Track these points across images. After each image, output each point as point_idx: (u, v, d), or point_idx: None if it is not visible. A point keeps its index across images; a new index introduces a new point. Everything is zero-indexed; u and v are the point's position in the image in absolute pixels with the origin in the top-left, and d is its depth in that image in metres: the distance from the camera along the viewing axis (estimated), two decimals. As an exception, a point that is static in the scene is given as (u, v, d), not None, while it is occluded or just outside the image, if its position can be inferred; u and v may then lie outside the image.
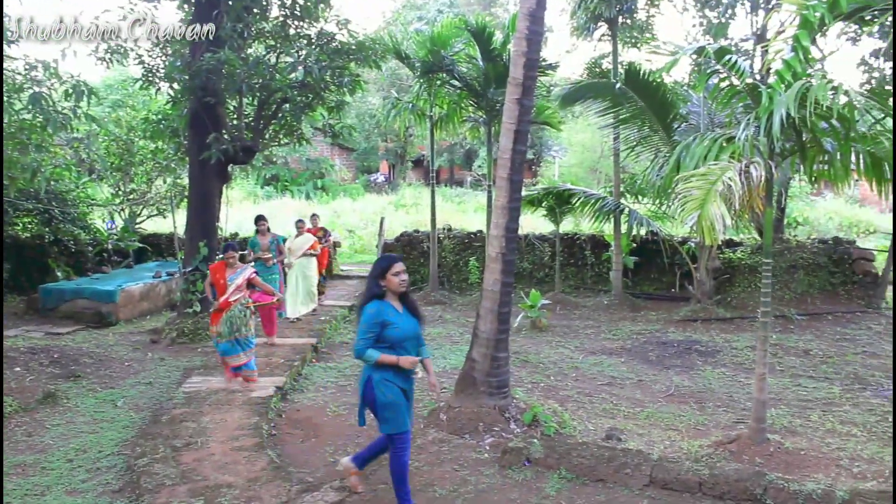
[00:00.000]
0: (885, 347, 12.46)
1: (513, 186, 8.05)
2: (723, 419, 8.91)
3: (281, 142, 15.54)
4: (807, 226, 25.83)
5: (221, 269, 9.73)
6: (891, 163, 7.61)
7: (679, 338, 13.17)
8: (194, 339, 12.59)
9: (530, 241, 18.37)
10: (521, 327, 13.76)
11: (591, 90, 15.01)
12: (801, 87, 6.74)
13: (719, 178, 6.88)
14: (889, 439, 8.19)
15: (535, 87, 9.08)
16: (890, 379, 10.67)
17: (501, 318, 8.16)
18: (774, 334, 12.73)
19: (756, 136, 7.29)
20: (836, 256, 15.78)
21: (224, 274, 9.68)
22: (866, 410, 9.20)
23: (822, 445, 7.84)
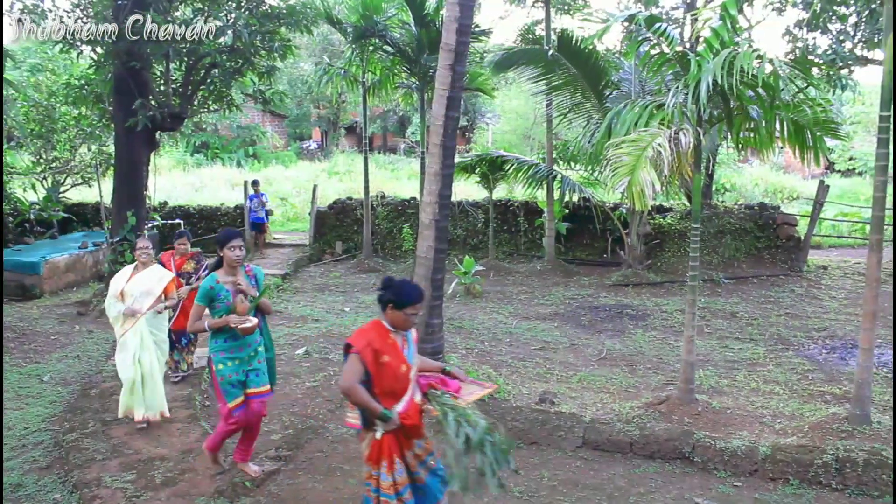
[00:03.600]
0: (806, 309, 12.87)
1: (446, 153, 8.03)
2: (653, 381, 9.12)
3: (210, 108, 15.23)
4: (734, 192, 26.44)
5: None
6: (813, 130, 7.83)
7: (611, 302, 13.40)
8: (123, 310, 12.31)
9: (464, 208, 18.41)
10: (455, 294, 13.83)
11: (524, 57, 15.02)
12: (728, 55, 6.85)
13: (649, 144, 6.97)
14: (809, 395, 8.50)
15: (468, 54, 9.04)
16: (811, 339, 11.04)
17: (435, 284, 8.19)
18: (703, 298, 13.04)
19: (685, 103, 7.40)
20: (761, 222, 16.18)
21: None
22: (788, 370, 9.52)
23: (747, 404, 8.10)
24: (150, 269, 7.39)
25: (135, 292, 7.18)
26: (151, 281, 7.31)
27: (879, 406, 7.88)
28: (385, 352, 4.58)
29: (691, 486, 6.20)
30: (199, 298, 5.79)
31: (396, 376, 4.63)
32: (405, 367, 4.67)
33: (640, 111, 7.96)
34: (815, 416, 7.55)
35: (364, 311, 12.56)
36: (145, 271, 7.34)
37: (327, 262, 17.82)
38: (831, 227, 20.32)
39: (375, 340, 4.58)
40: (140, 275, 7.31)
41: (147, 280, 7.29)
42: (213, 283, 5.76)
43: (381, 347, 4.57)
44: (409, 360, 4.72)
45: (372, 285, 14.94)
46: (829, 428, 7.11)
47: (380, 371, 4.55)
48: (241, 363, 5.89)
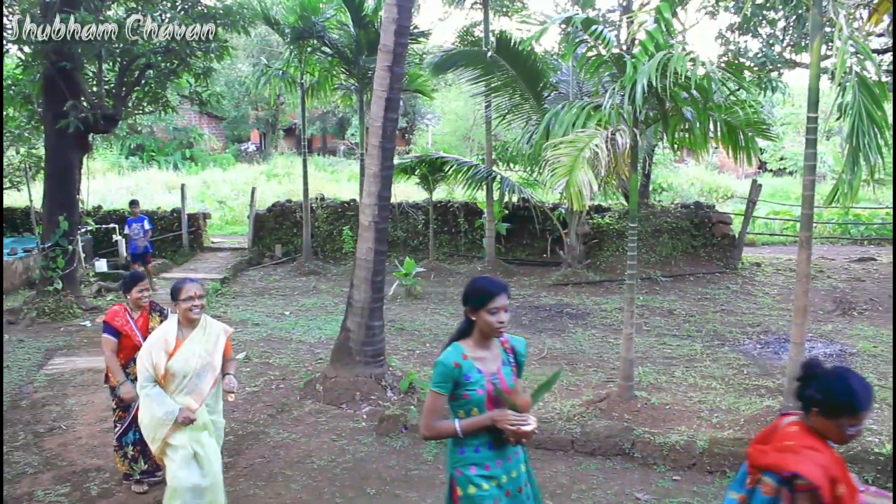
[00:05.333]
0: (741, 305, 13.17)
1: (384, 154, 8.02)
2: (593, 379, 9.22)
3: (145, 110, 14.92)
4: (671, 191, 26.92)
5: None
6: (745, 131, 8.02)
7: (551, 302, 13.52)
8: (56, 319, 12.02)
9: (404, 209, 18.41)
10: (396, 295, 13.81)
11: (462, 58, 15.08)
12: (663, 57, 6.98)
13: (587, 145, 7.05)
14: (744, 389, 8.69)
15: (407, 55, 9.05)
16: (746, 334, 11.30)
17: (375, 286, 8.16)
18: (641, 296, 13.24)
19: (621, 104, 7.50)
20: (697, 220, 16.50)
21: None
22: (724, 365, 9.72)
23: (686, 399, 8.24)
24: (203, 328, 5.06)
25: (188, 369, 4.89)
26: (210, 346, 5.04)
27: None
28: (841, 479, 3.17)
29: (632, 482, 6.29)
30: (438, 382, 3.61)
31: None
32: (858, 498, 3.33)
33: (578, 112, 8.04)
34: (750, 410, 7.73)
35: (304, 314, 12.47)
36: (196, 333, 5.01)
37: (267, 266, 17.64)
38: (764, 224, 20.84)
39: (832, 465, 3.15)
40: (192, 341, 4.97)
41: (205, 347, 5.01)
42: (458, 358, 3.62)
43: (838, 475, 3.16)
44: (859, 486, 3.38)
45: (312, 288, 14.84)
46: (764, 420, 7.28)
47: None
48: (501, 487, 3.67)
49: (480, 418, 3.58)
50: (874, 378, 9.20)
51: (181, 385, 4.92)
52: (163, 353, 4.88)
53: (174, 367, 4.88)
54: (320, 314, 12.50)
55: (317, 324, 11.75)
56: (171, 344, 4.91)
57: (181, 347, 4.92)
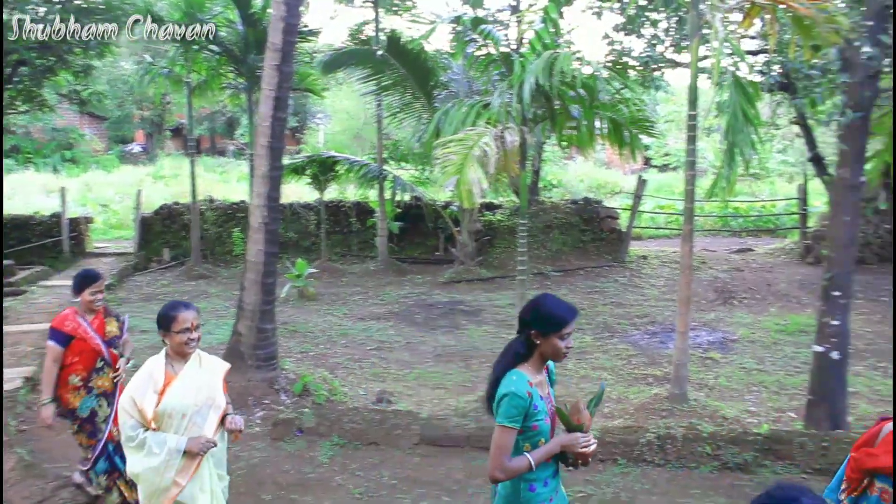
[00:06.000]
0: (629, 297, 13.56)
1: (273, 154, 7.90)
2: (487, 374, 9.30)
3: (19, 109, 14.26)
4: (560, 188, 27.43)
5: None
6: (629, 128, 8.26)
7: (444, 299, 13.60)
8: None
9: (295, 210, 18.16)
10: (289, 297, 13.61)
11: (353, 57, 15.00)
12: (550, 57, 7.12)
13: (476, 143, 7.12)
14: (633, 379, 8.96)
15: (296, 53, 8.94)
16: (634, 325, 11.64)
17: (266, 288, 8.03)
18: (532, 291, 13.38)
19: (510, 102, 7.61)
20: (586, 216, 16.89)
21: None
22: (614, 356, 9.99)
23: (578, 391, 8.43)
24: (198, 361, 4.15)
25: (187, 406, 3.99)
26: (208, 380, 4.14)
27: (695, 384, 8.41)
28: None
29: (527, 474, 6.38)
30: (510, 416, 3.23)
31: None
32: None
33: (468, 111, 8.12)
34: (639, 398, 7.97)
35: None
36: (190, 367, 4.09)
37: (154, 270, 17.09)
38: (650, 219, 21.47)
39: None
40: (186, 376, 4.05)
41: (203, 381, 4.10)
42: (527, 386, 3.27)
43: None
44: None
45: (202, 292, 14.48)
46: (652, 408, 7.53)
47: None
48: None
49: (550, 447, 3.29)
50: (753, 363, 9.64)
51: (180, 427, 3.96)
52: (151, 394, 3.93)
53: (169, 405, 3.92)
54: (210, 318, 12.20)
55: (207, 328, 11.45)
56: (160, 381, 3.97)
57: (174, 383, 3.99)
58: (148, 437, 3.91)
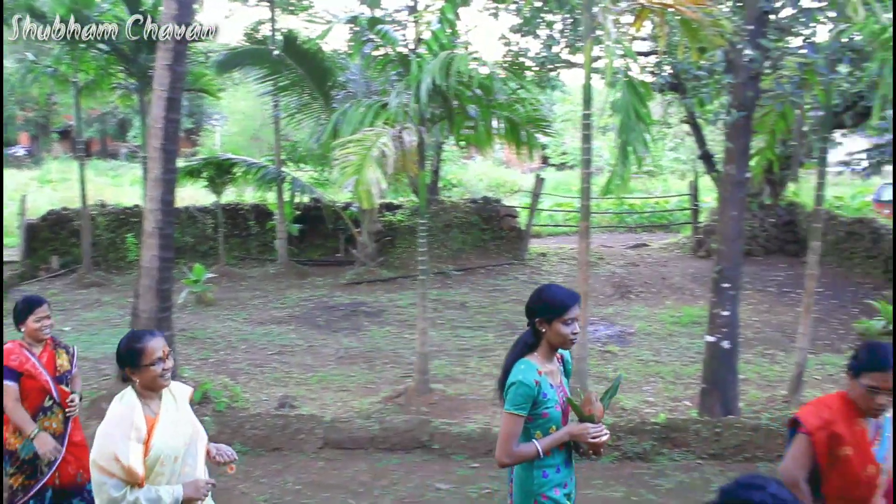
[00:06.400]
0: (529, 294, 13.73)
1: (167, 157, 7.68)
2: (391, 375, 9.31)
3: None
4: (460, 187, 27.63)
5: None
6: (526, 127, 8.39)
7: (346, 301, 13.51)
8: None
9: (191, 214, 17.70)
10: (187, 303, 13.25)
11: (248, 57, 14.75)
12: (447, 57, 7.15)
13: (374, 143, 7.10)
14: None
15: (189, 53, 8.72)
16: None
17: (162, 295, 7.80)
18: (434, 290, 13.51)
19: (408, 102, 7.62)
20: (486, 214, 17.05)
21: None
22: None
23: (481, 388, 8.51)
24: (171, 393, 3.62)
25: (178, 448, 3.49)
26: (187, 412, 3.67)
27: (595, 378, 8.59)
28: (848, 442, 3.25)
29: (432, 473, 6.40)
30: (517, 404, 3.32)
31: (856, 480, 3.26)
32: (872, 469, 3.27)
33: (366, 111, 8.10)
34: (541, 394, 8.08)
35: (86, 329, 11.72)
36: (167, 402, 3.57)
37: (43, 279, 16.39)
38: (548, 216, 21.85)
39: (837, 421, 3.27)
40: (167, 413, 3.52)
41: (184, 412, 3.63)
42: (536, 375, 3.36)
43: (844, 434, 3.26)
44: (878, 459, 3.29)
45: (95, 301, 13.98)
46: (554, 403, 7.66)
47: (832, 467, 3.28)
48: (571, 499, 3.53)
49: (559, 435, 3.36)
50: (650, 354, 9.93)
51: (174, 473, 3.46)
52: (136, 445, 3.33)
53: (160, 452, 3.39)
54: (104, 328, 11.78)
55: (101, 338, 11.06)
56: (143, 427, 3.39)
57: (157, 426, 3.44)
58: (139, 497, 3.30)
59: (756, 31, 6.76)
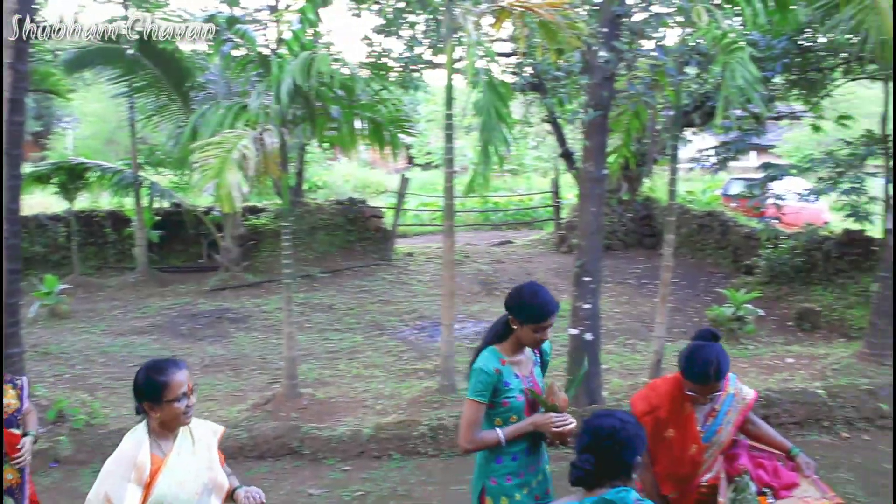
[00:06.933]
0: (397, 294, 13.79)
1: (11, 162, 7.24)
2: (259, 381, 9.14)
3: None
4: (326, 189, 27.40)
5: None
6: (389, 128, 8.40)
7: (210, 308, 13.15)
8: None
9: (41, 222, 16.74)
10: (38, 317, 12.52)
11: (101, 56, 14.08)
12: (308, 57, 7.09)
13: (235, 145, 6.93)
14: (404, 374, 9.14)
15: (33, 51, 8.27)
16: (403, 321, 11.86)
17: (10, 310, 7.35)
18: (301, 294, 13.33)
19: (269, 104, 7.49)
20: (351, 216, 16.95)
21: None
22: (385, 353, 10.14)
23: (350, 390, 8.47)
24: (190, 433, 3.23)
25: (185, 498, 3.09)
26: (206, 458, 3.24)
27: (463, 374, 8.68)
28: (671, 424, 3.52)
29: (304, 479, 6.34)
30: (477, 391, 3.40)
31: (680, 459, 3.50)
32: (695, 448, 3.50)
33: (226, 112, 7.92)
34: (410, 393, 8.13)
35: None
36: (182, 442, 3.19)
37: None
38: (414, 216, 21.96)
39: (664, 407, 3.52)
40: (180, 454, 3.15)
41: (200, 460, 3.21)
42: (497, 364, 3.43)
43: (669, 417, 3.52)
44: (705, 440, 3.51)
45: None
46: (424, 401, 7.73)
47: (658, 447, 3.49)
48: (531, 493, 3.53)
49: (522, 425, 3.41)
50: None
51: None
52: (134, 488, 2.96)
53: (161, 498, 3.01)
54: (-54, 344, 11.04)
55: (-58, 356, 10.37)
56: (147, 468, 3.01)
57: (164, 469, 3.05)
58: None
59: (610, 33, 7.01)
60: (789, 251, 13.25)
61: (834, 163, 12.23)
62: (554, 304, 3.42)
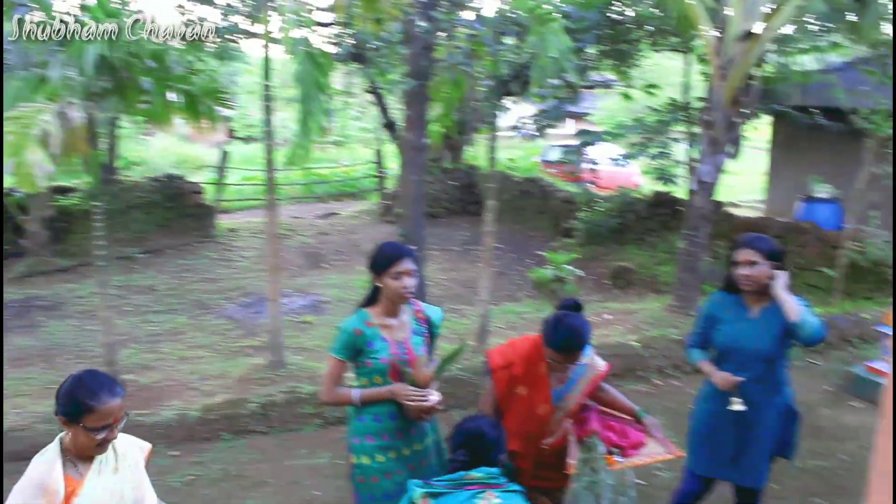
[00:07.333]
0: (221, 272, 13.42)
1: None
2: (75, 370, 8.66)
3: None
4: (142, 165, 26.17)
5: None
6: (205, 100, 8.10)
7: (17, 297, 12.27)
8: None
9: None
10: None
11: None
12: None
13: (34, 121, 6.49)
14: (232, 352, 8.95)
15: None
16: (228, 299, 11.58)
17: None
18: (119, 276, 12.72)
19: (72, 75, 7.05)
20: (170, 192, 16.26)
21: None
22: (211, 332, 9.87)
23: (176, 373, 8.20)
24: (114, 452, 2.93)
25: None
26: (130, 478, 2.95)
27: (292, 349, 8.63)
28: (524, 382, 3.59)
29: (128, 468, 6.09)
30: (334, 348, 3.50)
31: (529, 417, 3.60)
32: (544, 409, 3.59)
33: (23, 85, 7.38)
34: (239, 371, 7.98)
35: None
36: (103, 462, 2.87)
37: None
38: (237, 191, 21.38)
39: (518, 364, 3.58)
40: (99, 474, 2.83)
41: (125, 479, 2.93)
42: (360, 325, 3.48)
43: (522, 375, 3.59)
44: (554, 402, 3.60)
45: None
46: (253, 378, 7.61)
47: (510, 404, 3.63)
48: (402, 459, 3.56)
49: (381, 391, 3.48)
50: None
51: None
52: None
53: None
54: None
55: None
56: (60, 492, 2.66)
57: (82, 490, 2.71)
58: None
59: (429, 3, 7.08)
60: (605, 213, 13.95)
61: (643, 129, 12.96)
62: (401, 248, 3.51)
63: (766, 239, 3.86)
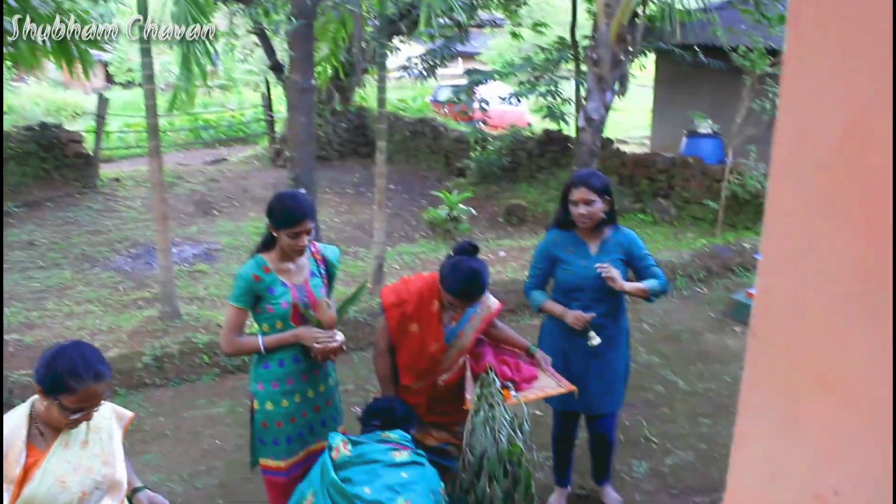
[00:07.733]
0: (107, 223, 12.93)
1: None
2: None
3: None
4: (13, 114, 24.80)
5: None
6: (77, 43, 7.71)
7: None
8: None
9: None
10: None
11: None
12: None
13: None
14: (123, 306, 8.70)
15: None
16: (115, 251, 11.21)
17: None
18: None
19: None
20: (45, 142, 15.48)
21: None
22: (99, 286, 9.54)
23: (64, 330, 7.91)
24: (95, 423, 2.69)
25: (71, 496, 2.51)
26: (100, 451, 2.66)
27: (186, 299, 8.45)
28: (416, 320, 3.62)
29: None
30: (237, 296, 3.45)
31: (421, 354, 3.66)
32: (436, 347, 3.65)
33: None
34: (131, 324, 7.77)
35: None
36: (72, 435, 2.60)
37: None
38: (119, 139, 20.57)
39: (411, 302, 3.62)
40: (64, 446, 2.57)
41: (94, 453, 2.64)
42: (258, 271, 3.45)
43: (413, 313, 3.63)
44: (447, 340, 3.67)
45: None
46: (146, 330, 7.42)
47: (402, 341, 3.68)
48: (306, 402, 3.60)
49: (285, 335, 3.46)
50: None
51: None
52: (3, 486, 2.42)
53: (33, 499, 2.43)
54: None
55: None
56: (19, 462, 2.44)
57: (43, 464, 2.48)
58: None
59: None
60: (496, 152, 14.05)
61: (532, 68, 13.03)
62: (301, 210, 3.39)
63: (599, 175, 3.92)
